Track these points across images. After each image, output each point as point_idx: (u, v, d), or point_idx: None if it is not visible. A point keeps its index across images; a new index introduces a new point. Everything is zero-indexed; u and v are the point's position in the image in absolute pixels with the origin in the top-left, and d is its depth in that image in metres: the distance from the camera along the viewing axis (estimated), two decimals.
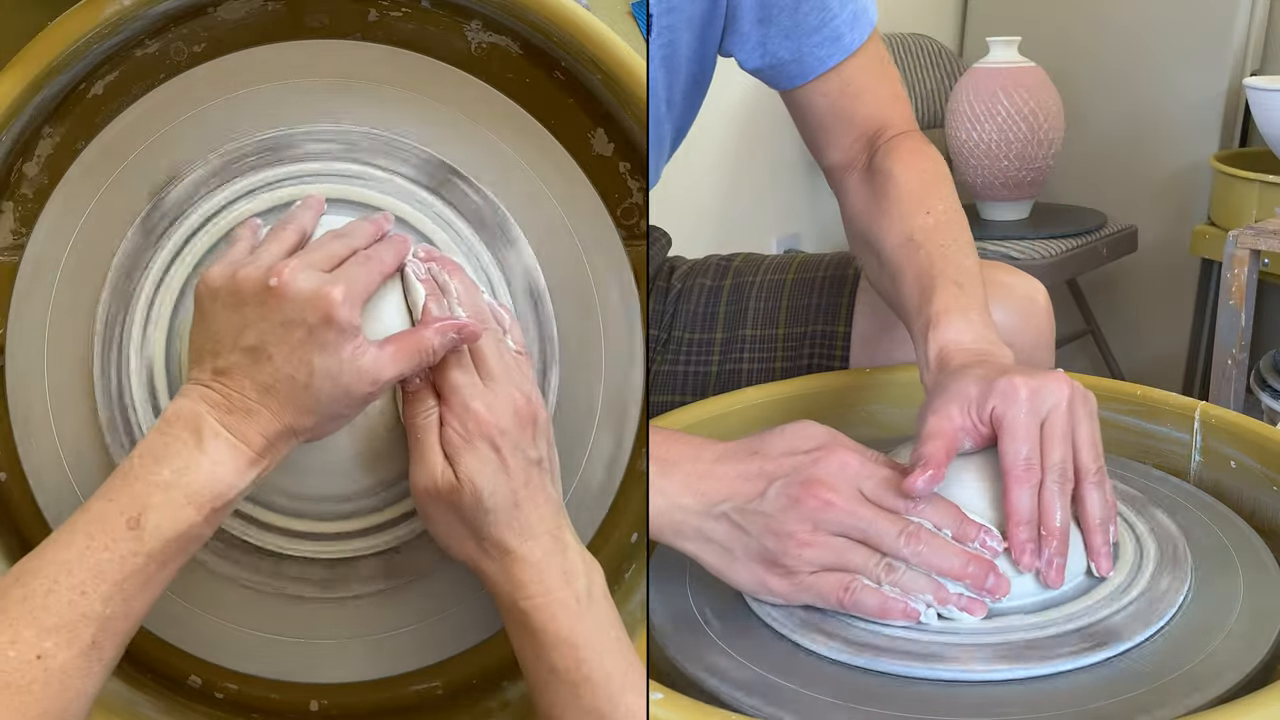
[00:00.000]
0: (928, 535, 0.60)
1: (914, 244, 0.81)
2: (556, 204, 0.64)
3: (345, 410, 0.56)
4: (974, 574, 0.60)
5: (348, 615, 0.64)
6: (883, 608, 0.59)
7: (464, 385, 0.56)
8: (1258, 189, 1.92)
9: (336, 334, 0.54)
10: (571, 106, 0.65)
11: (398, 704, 0.65)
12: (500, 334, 0.60)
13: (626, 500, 0.65)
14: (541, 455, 0.57)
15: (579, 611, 0.55)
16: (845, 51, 0.91)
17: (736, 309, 1.04)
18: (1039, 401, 0.62)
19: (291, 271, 0.54)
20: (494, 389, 0.57)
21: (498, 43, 0.64)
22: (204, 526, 0.53)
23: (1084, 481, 0.63)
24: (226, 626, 0.64)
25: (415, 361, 0.56)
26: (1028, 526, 0.61)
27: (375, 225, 0.60)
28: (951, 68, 2.37)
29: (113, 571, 0.51)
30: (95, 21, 0.60)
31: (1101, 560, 0.63)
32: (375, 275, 0.57)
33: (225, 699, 0.65)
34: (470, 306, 0.59)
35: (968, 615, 0.60)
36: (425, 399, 0.57)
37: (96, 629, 0.50)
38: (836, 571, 0.60)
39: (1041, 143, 2.05)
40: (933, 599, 0.59)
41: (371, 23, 0.64)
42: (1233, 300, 1.58)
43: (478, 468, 0.55)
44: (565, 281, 0.64)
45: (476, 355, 0.58)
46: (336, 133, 0.63)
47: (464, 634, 0.65)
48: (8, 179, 0.64)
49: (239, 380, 0.54)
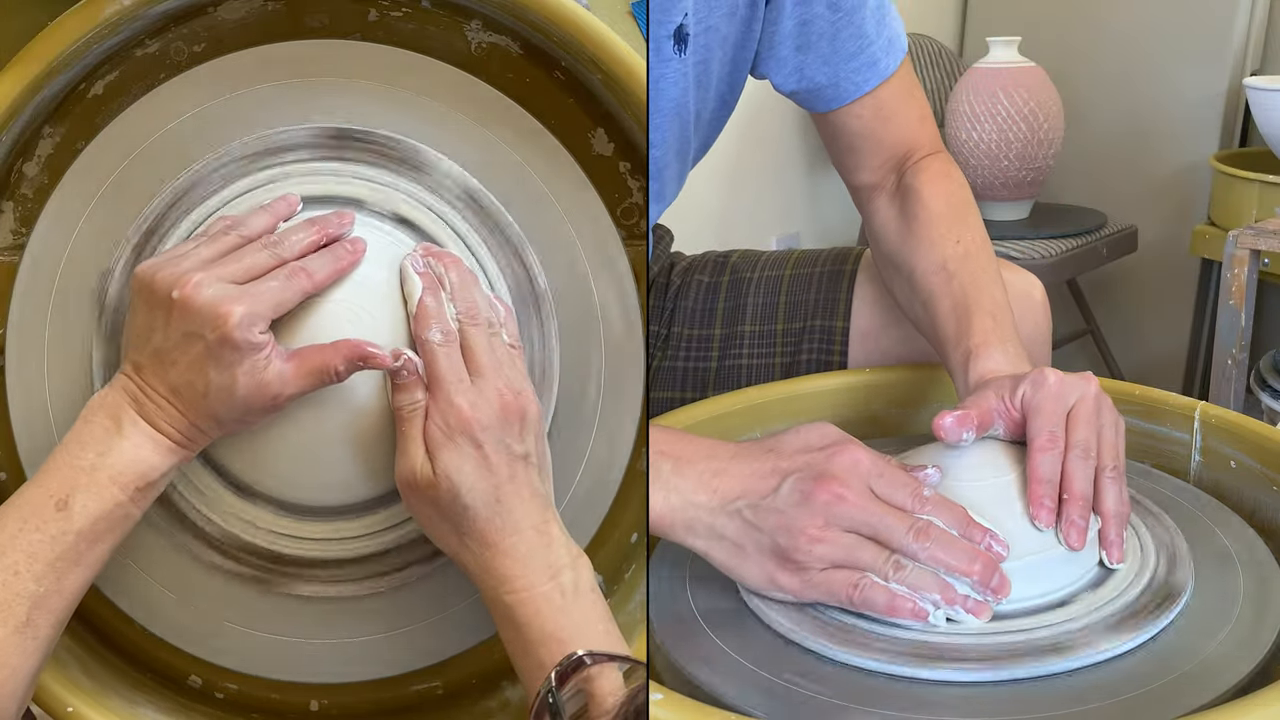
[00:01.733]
0: (937, 532, 0.60)
1: (947, 273, 0.84)
2: (556, 204, 0.64)
3: (246, 418, 0.57)
4: (981, 571, 0.60)
5: (348, 615, 0.64)
6: (891, 605, 0.59)
7: (450, 380, 0.57)
8: (1258, 189, 1.91)
9: (232, 352, 0.55)
10: (571, 106, 0.65)
11: (398, 704, 0.65)
12: (494, 328, 0.60)
13: (626, 500, 0.65)
14: (528, 450, 0.57)
15: (564, 605, 0.55)
16: (881, 77, 0.92)
17: (735, 305, 1.04)
18: (1066, 389, 0.65)
19: (196, 285, 0.55)
20: (480, 384, 0.57)
21: (498, 43, 0.64)
22: (131, 506, 0.56)
23: (1101, 473, 0.64)
24: (227, 627, 0.64)
25: (317, 381, 0.57)
26: (1048, 485, 0.63)
27: (319, 230, 0.59)
28: (951, 68, 2.36)
29: (44, 551, 0.54)
30: (95, 21, 0.60)
31: (1114, 550, 0.63)
32: (293, 291, 0.57)
33: (225, 699, 0.65)
34: (464, 300, 0.59)
35: (973, 618, 0.60)
36: (413, 391, 0.57)
37: (30, 606, 0.53)
38: (846, 569, 0.60)
39: (1041, 143, 2.04)
40: (940, 599, 0.59)
41: (371, 23, 0.64)
42: (1233, 300, 1.58)
43: (456, 464, 0.56)
44: (565, 281, 0.64)
45: (466, 349, 0.58)
46: (336, 132, 0.63)
47: (464, 634, 0.65)
48: (8, 179, 0.64)
49: (150, 378, 0.56)
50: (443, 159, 0.64)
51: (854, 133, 0.94)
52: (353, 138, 0.63)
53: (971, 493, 0.63)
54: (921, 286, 0.85)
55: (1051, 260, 1.99)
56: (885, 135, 0.94)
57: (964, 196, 0.91)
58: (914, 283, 0.87)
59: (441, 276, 0.60)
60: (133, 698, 0.64)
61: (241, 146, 0.63)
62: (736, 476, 0.62)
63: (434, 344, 0.57)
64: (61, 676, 0.61)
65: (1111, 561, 0.63)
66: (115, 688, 0.63)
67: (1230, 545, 0.68)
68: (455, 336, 0.58)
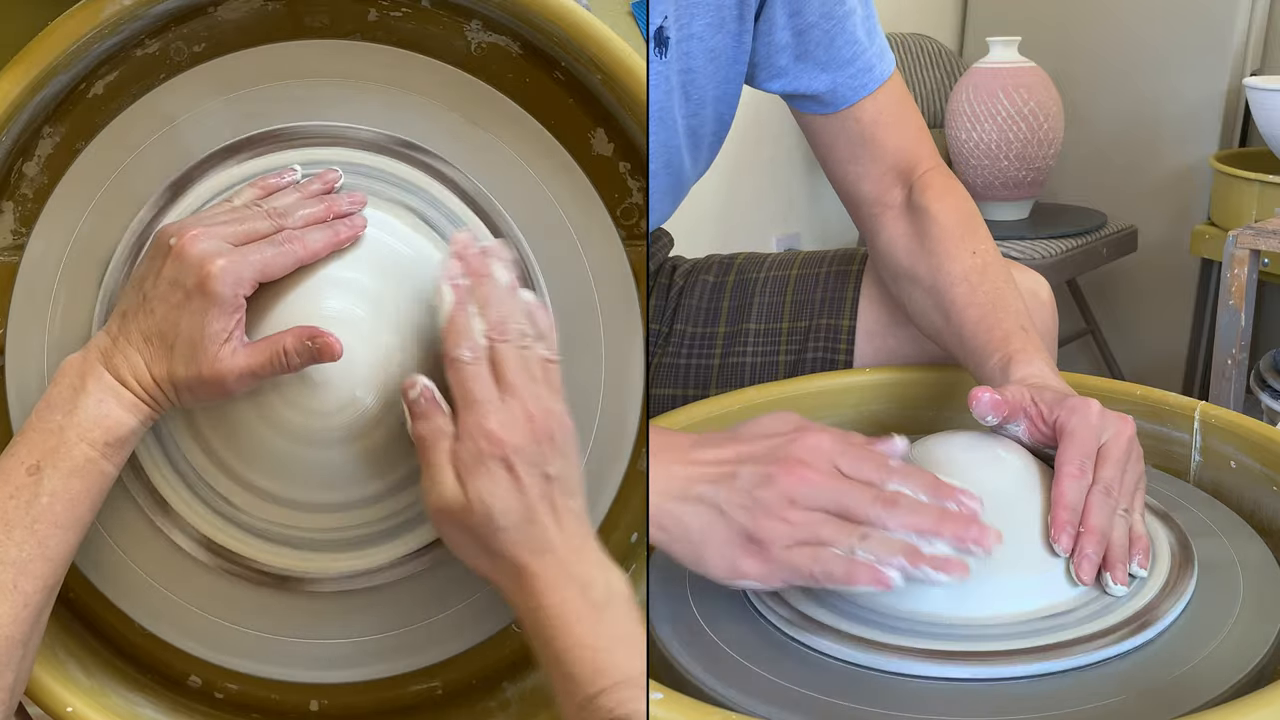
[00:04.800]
0: (905, 499, 0.59)
1: (970, 284, 0.85)
2: (556, 204, 0.64)
3: (199, 390, 0.57)
4: (953, 527, 0.58)
5: (348, 615, 0.64)
6: (849, 573, 0.57)
7: (481, 401, 0.56)
8: (1258, 189, 1.91)
9: (204, 300, 0.56)
10: (571, 106, 0.65)
11: (398, 704, 0.65)
12: (527, 341, 0.58)
13: (626, 500, 0.65)
14: (560, 470, 0.56)
15: (595, 620, 0.54)
16: (877, 82, 0.94)
17: (740, 304, 1.04)
18: (1105, 425, 0.66)
19: (193, 238, 0.57)
20: (510, 404, 0.56)
21: (498, 43, 0.64)
22: (103, 461, 0.57)
23: None
24: (227, 626, 0.64)
25: (266, 362, 0.57)
26: (1073, 512, 0.63)
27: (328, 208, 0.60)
28: (951, 68, 2.36)
29: (20, 516, 0.55)
30: (95, 21, 0.60)
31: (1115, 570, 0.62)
32: (286, 259, 0.58)
33: (225, 699, 0.65)
34: (496, 315, 0.58)
35: (941, 575, 0.58)
36: (433, 416, 0.56)
37: (15, 572, 0.54)
38: (810, 545, 0.59)
39: (1041, 143, 2.04)
40: (906, 563, 0.57)
41: (371, 23, 0.64)
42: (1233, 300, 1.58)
43: (489, 488, 0.55)
44: (565, 281, 0.64)
45: (496, 365, 0.57)
46: (335, 132, 0.63)
47: (464, 634, 0.65)
48: (8, 179, 0.64)
49: (129, 324, 0.58)
50: (442, 159, 0.64)
51: (854, 138, 0.95)
52: (352, 136, 0.63)
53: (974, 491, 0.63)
54: (944, 297, 0.86)
55: (1051, 260, 1.99)
56: (886, 141, 0.95)
57: (971, 209, 0.92)
58: (935, 294, 0.87)
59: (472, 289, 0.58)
60: (133, 698, 0.64)
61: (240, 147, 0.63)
62: (698, 464, 0.61)
63: (463, 362, 0.56)
64: (61, 676, 0.61)
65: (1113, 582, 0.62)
66: (115, 688, 0.63)
67: (1230, 545, 0.68)
68: (484, 353, 0.57)
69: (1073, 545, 0.62)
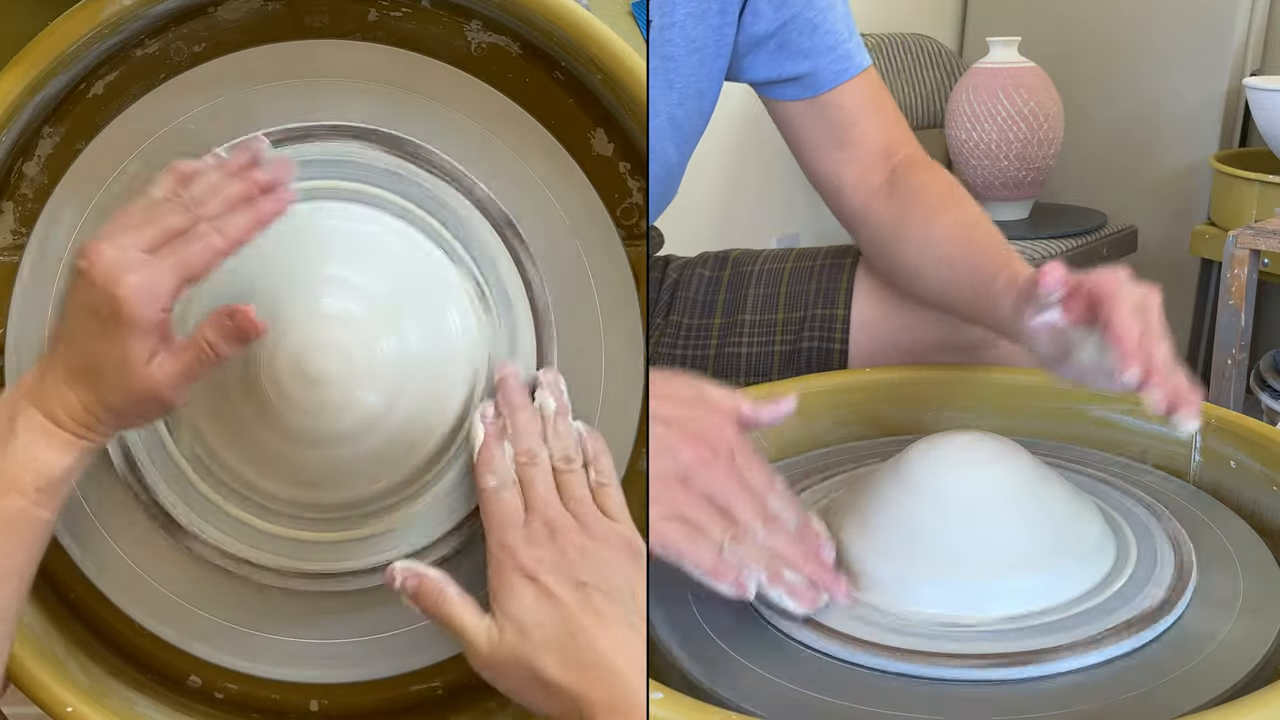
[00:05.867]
0: (782, 526, 0.61)
1: (965, 228, 0.86)
2: (556, 204, 0.64)
3: (139, 409, 0.54)
4: (815, 569, 0.61)
5: (348, 615, 0.64)
6: (716, 569, 0.58)
7: (503, 524, 0.56)
8: (1258, 189, 1.91)
9: (122, 329, 0.51)
10: (571, 106, 0.65)
11: (398, 704, 0.65)
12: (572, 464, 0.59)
13: (626, 500, 0.65)
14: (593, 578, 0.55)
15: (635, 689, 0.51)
16: (858, 68, 0.96)
17: (736, 295, 1.05)
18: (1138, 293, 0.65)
19: (99, 254, 0.51)
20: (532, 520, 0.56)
21: (498, 43, 0.64)
22: (37, 510, 0.53)
23: None
24: (227, 626, 0.64)
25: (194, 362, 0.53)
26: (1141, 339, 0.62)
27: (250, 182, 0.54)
28: (951, 68, 2.36)
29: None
30: (95, 21, 0.60)
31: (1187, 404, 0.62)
32: (206, 254, 0.52)
33: (225, 699, 0.65)
34: (525, 442, 0.58)
35: (793, 602, 0.60)
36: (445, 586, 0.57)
37: None
38: (686, 524, 0.59)
39: (1041, 143, 2.04)
40: (765, 578, 0.59)
41: (371, 23, 0.64)
42: (1233, 300, 1.58)
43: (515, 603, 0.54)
44: (565, 281, 0.64)
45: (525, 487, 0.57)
46: (335, 132, 0.63)
47: None
48: (8, 179, 0.64)
49: (55, 360, 0.54)
50: (442, 158, 0.64)
51: (836, 124, 0.96)
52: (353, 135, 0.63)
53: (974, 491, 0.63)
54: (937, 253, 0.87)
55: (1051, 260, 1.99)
56: (869, 127, 0.96)
57: (954, 183, 0.93)
58: (927, 250, 0.88)
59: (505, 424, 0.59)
60: (133, 698, 0.64)
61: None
62: None
63: (489, 490, 0.57)
64: (61, 676, 0.61)
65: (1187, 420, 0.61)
66: (115, 688, 0.63)
67: (1230, 545, 0.68)
68: (510, 478, 0.58)
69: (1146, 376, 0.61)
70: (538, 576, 0.54)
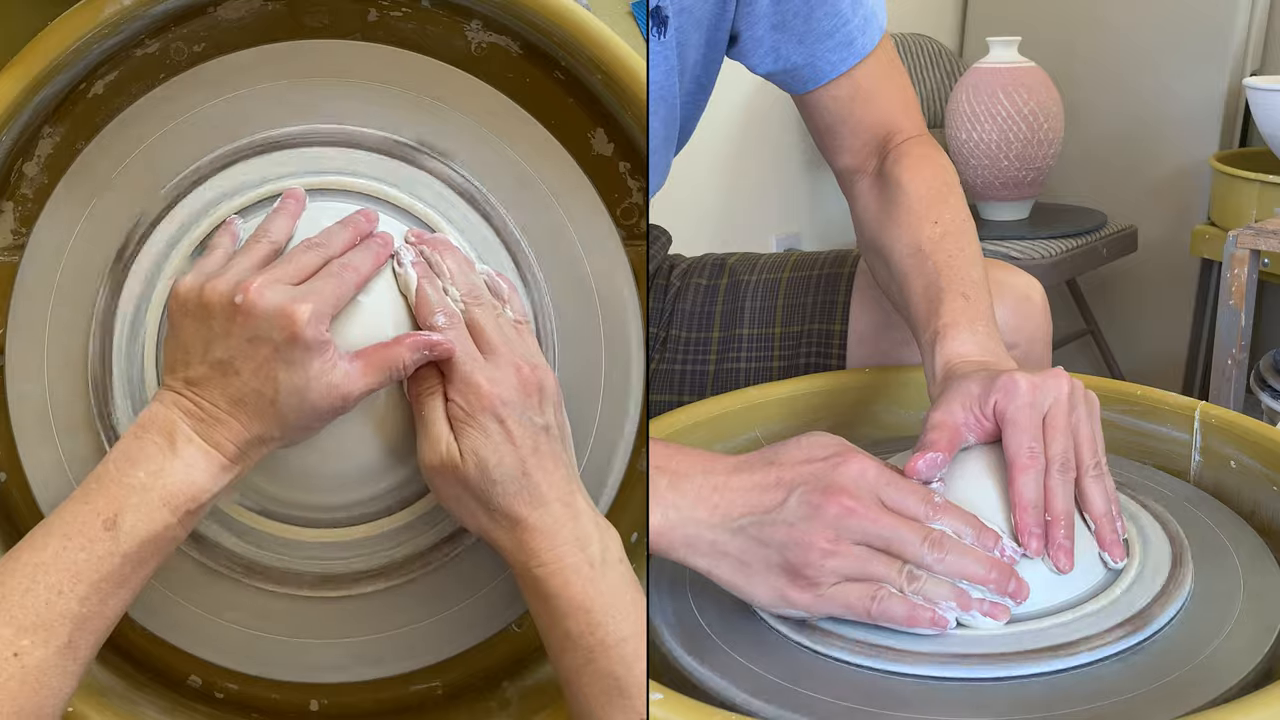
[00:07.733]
0: (951, 541, 0.59)
1: (922, 254, 0.82)
2: (556, 204, 0.64)
3: (314, 423, 0.57)
4: (997, 579, 0.59)
5: (348, 615, 0.64)
6: (911, 616, 0.58)
7: (464, 360, 0.57)
8: (1258, 189, 1.91)
9: (303, 351, 0.54)
10: (571, 106, 0.65)
11: (398, 704, 0.65)
12: (497, 306, 0.60)
13: (626, 500, 0.65)
14: (549, 422, 0.58)
15: (592, 576, 0.55)
16: (857, 56, 0.92)
17: (733, 308, 1.04)
18: (1040, 396, 0.63)
19: (258, 289, 0.55)
20: (495, 361, 0.57)
21: (498, 43, 0.64)
22: (179, 528, 0.55)
23: (1084, 476, 0.63)
24: (227, 627, 0.64)
25: (385, 377, 0.57)
26: (1034, 511, 0.61)
27: (354, 228, 0.60)
28: (951, 68, 2.37)
29: (89, 572, 0.52)
30: (95, 21, 0.60)
31: (1114, 549, 0.63)
32: (347, 286, 0.57)
33: (225, 699, 0.65)
34: (464, 284, 0.60)
35: (990, 620, 0.59)
36: (429, 376, 0.58)
37: (73, 628, 0.51)
38: (861, 582, 0.59)
39: (1041, 143, 2.04)
40: (956, 605, 0.59)
41: (371, 23, 0.64)
42: (1233, 300, 1.58)
43: (481, 441, 0.56)
44: (565, 281, 0.64)
45: (474, 329, 0.58)
46: (336, 132, 0.63)
47: (464, 634, 0.65)
48: (8, 179, 0.64)
49: (209, 391, 0.55)
50: (442, 159, 0.64)
51: (831, 114, 0.95)
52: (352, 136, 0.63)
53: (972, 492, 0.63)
54: (898, 269, 0.85)
55: (1051, 260, 1.99)
56: (864, 116, 0.94)
57: (945, 179, 0.90)
58: (891, 266, 0.86)
59: (436, 262, 0.60)
60: (133, 698, 0.64)
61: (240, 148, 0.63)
62: (738, 490, 0.60)
63: (441, 328, 0.58)
64: None
65: (1114, 560, 0.63)
66: (115, 688, 0.63)
67: (1230, 545, 0.68)
68: (460, 319, 0.58)
69: (1045, 544, 0.61)
70: (506, 420, 0.56)
